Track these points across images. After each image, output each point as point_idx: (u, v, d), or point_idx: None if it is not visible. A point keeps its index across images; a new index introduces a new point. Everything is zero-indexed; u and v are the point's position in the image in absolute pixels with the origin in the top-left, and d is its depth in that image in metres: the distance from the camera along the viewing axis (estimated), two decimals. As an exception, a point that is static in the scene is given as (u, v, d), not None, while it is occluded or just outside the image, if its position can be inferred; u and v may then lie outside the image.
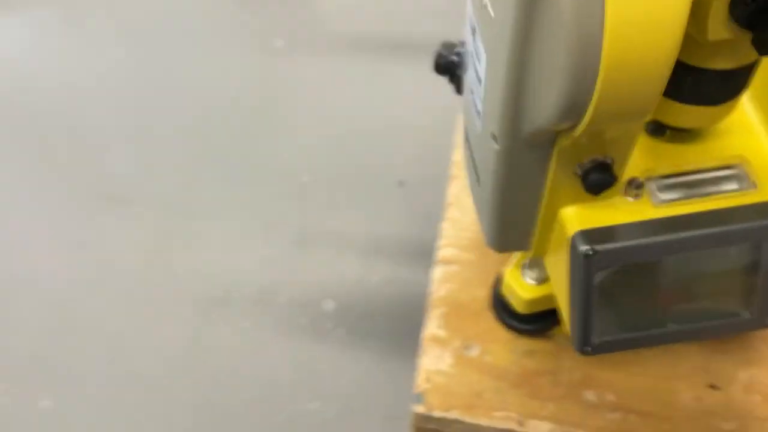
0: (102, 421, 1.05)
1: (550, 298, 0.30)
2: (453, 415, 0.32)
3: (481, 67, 0.21)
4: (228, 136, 1.37)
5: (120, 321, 1.12)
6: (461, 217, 0.38)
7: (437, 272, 0.36)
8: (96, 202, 1.24)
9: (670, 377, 0.32)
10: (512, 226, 0.24)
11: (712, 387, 0.31)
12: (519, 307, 0.31)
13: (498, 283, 0.33)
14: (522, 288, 0.30)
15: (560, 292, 0.25)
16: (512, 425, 0.32)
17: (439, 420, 0.33)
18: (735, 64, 0.20)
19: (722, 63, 0.20)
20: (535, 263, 0.30)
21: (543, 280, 0.30)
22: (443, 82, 0.40)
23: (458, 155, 0.40)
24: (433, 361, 0.34)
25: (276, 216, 1.26)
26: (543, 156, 0.21)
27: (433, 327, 0.35)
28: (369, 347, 1.15)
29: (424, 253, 1.32)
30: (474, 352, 0.34)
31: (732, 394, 0.31)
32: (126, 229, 1.22)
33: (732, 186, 0.22)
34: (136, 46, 1.50)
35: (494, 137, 0.21)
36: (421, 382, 0.33)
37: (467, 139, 0.27)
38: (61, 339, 1.10)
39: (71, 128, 1.36)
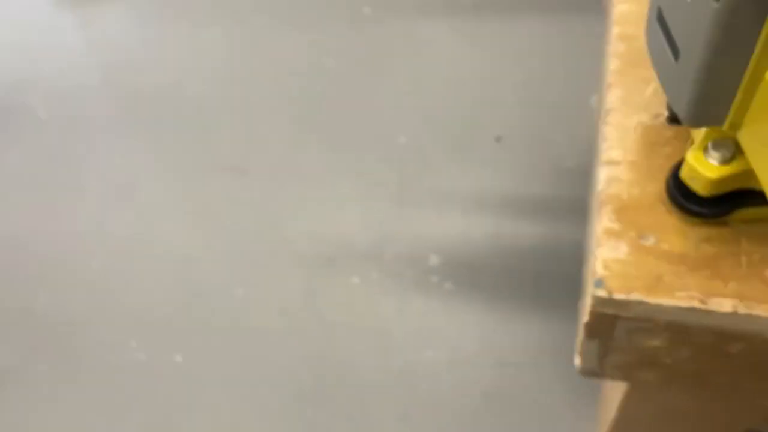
0: (228, 373, 1.13)
1: (734, 177, 0.31)
2: (635, 296, 0.34)
3: None
4: (326, 104, 1.42)
5: (240, 281, 1.19)
6: (623, 120, 0.39)
7: (604, 172, 0.38)
8: (212, 173, 1.32)
9: None
10: (714, 97, 0.26)
11: None
12: (703, 189, 0.32)
13: (674, 171, 0.34)
14: (707, 168, 0.31)
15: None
16: (695, 303, 0.34)
17: (621, 303, 0.35)
18: None
19: None
20: (720, 144, 0.31)
21: (728, 160, 0.31)
22: (539, 40, 0.41)
23: (614, 64, 0.42)
24: (610, 251, 0.36)
25: (377, 177, 1.30)
26: (760, 11, 0.23)
27: (605, 221, 0.37)
28: (475, 299, 1.18)
29: (524, 208, 1.34)
30: (650, 242, 0.36)
31: None
32: (242, 197, 1.29)
33: None
34: (232, 24, 1.57)
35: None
36: (599, 269, 0.35)
37: (660, 19, 0.29)
38: (189, 299, 1.18)
39: (178, 107, 1.44)
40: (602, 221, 0.37)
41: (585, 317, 0.37)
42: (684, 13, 0.26)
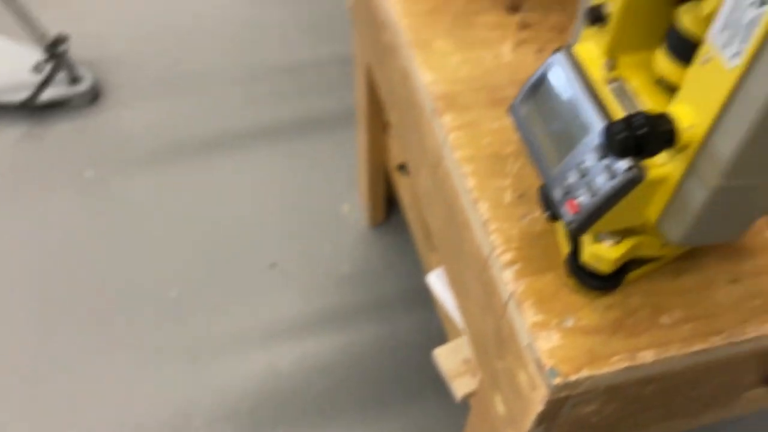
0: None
1: (628, 253, 0.39)
2: (584, 374, 0.39)
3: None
4: (74, 282, 1.27)
5: None
6: (502, 225, 0.45)
7: (508, 274, 0.43)
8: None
9: (701, 286, 0.43)
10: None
11: (734, 281, 0.43)
12: (607, 268, 0.39)
13: (572, 259, 0.41)
14: (608, 251, 0.38)
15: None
16: (627, 363, 0.40)
17: (573, 383, 0.39)
18: None
19: None
20: (610, 232, 0.38)
21: (619, 240, 0.38)
22: (291, 162, 0.47)
23: (471, 183, 0.48)
24: (545, 342, 0.40)
25: (158, 341, 1.19)
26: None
27: (530, 316, 0.41)
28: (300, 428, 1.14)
29: (318, 324, 1.35)
30: (570, 323, 0.41)
31: (747, 285, 0.42)
32: (35, 408, 1.06)
33: None
34: None
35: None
36: (545, 360, 0.39)
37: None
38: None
39: None
40: (527, 317, 0.41)
41: (539, 407, 0.41)
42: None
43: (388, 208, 1.36)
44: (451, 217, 0.52)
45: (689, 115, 0.30)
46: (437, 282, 0.83)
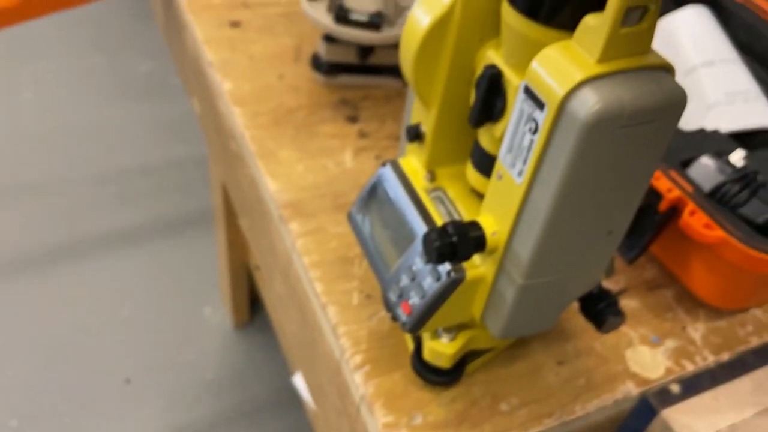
0: None
1: (464, 346, 0.41)
2: (435, 469, 0.40)
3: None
4: None
5: None
6: (350, 329, 0.47)
7: (358, 377, 0.44)
8: None
9: (532, 370, 0.46)
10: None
11: (560, 363, 0.47)
12: (447, 363, 0.41)
13: (415, 358, 0.43)
14: (445, 347, 0.41)
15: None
16: (473, 453, 0.42)
17: (426, 480, 0.40)
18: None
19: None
20: (446, 328, 0.41)
21: (455, 336, 0.41)
22: (147, 270, 0.49)
23: (319, 288, 0.49)
24: (396, 441, 0.41)
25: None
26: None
27: (380, 417, 0.42)
28: None
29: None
30: (419, 420, 0.43)
31: (571, 366, 0.47)
32: None
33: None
34: None
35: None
36: (398, 461, 0.40)
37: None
38: None
39: None
40: (378, 418, 0.42)
41: None
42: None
43: (252, 307, 1.34)
44: (303, 321, 0.53)
45: (493, 223, 0.34)
46: (303, 383, 0.82)
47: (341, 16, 0.59)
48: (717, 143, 0.50)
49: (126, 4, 1.99)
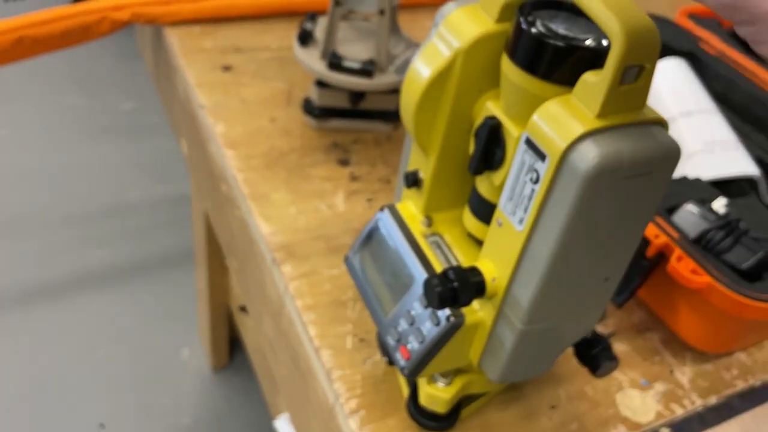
0: None
1: (460, 390, 0.42)
2: None
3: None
4: None
5: None
6: (345, 373, 0.46)
7: (353, 422, 0.44)
8: None
9: (526, 414, 0.46)
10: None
11: (553, 408, 0.47)
12: (444, 408, 0.41)
13: (412, 404, 0.43)
14: (442, 392, 0.41)
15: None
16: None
17: None
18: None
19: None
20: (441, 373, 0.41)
21: (451, 381, 0.41)
22: (116, 309, 0.49)
23: (313, 331, 0.49)
24: (392, 488, 0.41)
25: None
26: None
27: (376, 463, 0.42)
28: None
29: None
30: (414, 465, 0.42)
31: (564, 410, 0.47)
32: None
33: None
34: None
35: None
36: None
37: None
38: None
39: None
40: (374, 465, 0.42)
41: None
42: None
43: (231, 349, 1.32)
44: (295, 365, 0.52)
45: (492, 268, 0.34)
46: (285, 427, 0.81)
47: (334, 63, 0.61)
48: (699, 191, 0.52)
49: (109, 44, 2.00)
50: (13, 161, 1.62)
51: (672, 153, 0.29)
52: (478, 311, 0.37)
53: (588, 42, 0.30)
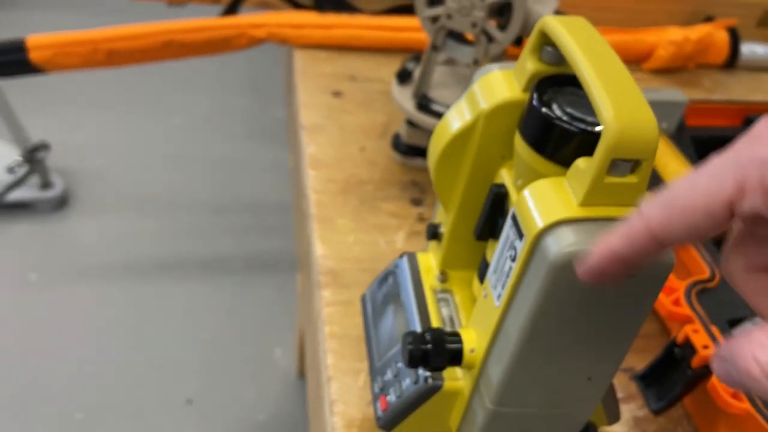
0: None
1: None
2: None
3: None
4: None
5: None
6: (346, 410, 0.47)
7: (339, 459, 0.44)
8: None
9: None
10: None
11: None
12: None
13: None
14: None
15: None
16: None
17: None
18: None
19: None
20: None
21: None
22: (222, 299, 0.51)
23: (330, 359, 0.50)
24: None
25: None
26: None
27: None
28: None
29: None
30: None
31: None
32: None
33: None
34: None
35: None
36: None
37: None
38: None
39: None
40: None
41: None
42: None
43: (317, 360, 1.35)
44: (316, 389, 0.53)
45: (474, 339, 0.33)
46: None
47: (423, 104, 0.61)
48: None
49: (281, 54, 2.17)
50: (178, 147, 1.80)
51: (661, 263, 0.27)
52: (460, 380, 0.35)
53: (597, 127, 0.29)
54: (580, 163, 0.27)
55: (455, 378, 0.35)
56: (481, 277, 0.37)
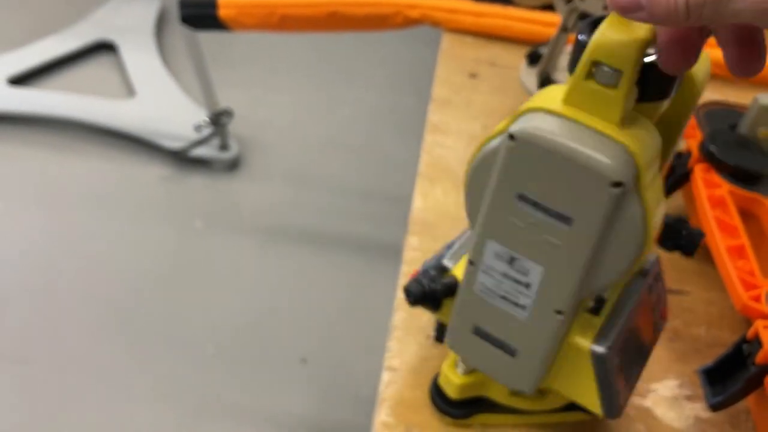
0: None
1: (473, 385, 0.42)
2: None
3: (532, 277, 0.32)
4: (138, 305, 1.42)
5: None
6: (404, 336, 0.50)
7: (385, 376, 0.47)
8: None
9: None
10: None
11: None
12: (453, 393, 0.42)
13: (435, 380, 0.44)
14: (455, 376, 0.42)
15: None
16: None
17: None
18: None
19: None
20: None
21: (469, 371, 0.42)
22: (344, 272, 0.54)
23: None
24: (383, 441, 0.43)
25: (178, 384, 1.28)
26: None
27: (382, 416, 0.45)
28: None
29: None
30: (412, 434, 0.44)
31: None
32: (20, 388, 1.20)
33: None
34: (59, 211, 1.57)
35: (560, 312, 0.33)
36: (372, 455, 0.42)
37: (480, 332, 0.38)
38: None
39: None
40: (380, 416, 0.45)
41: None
42: (522, 327, 0.35)
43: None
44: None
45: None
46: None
47: (544, 84, 0.63)
48: None
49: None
50: (341, 136, 1.92)
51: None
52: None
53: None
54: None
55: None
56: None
